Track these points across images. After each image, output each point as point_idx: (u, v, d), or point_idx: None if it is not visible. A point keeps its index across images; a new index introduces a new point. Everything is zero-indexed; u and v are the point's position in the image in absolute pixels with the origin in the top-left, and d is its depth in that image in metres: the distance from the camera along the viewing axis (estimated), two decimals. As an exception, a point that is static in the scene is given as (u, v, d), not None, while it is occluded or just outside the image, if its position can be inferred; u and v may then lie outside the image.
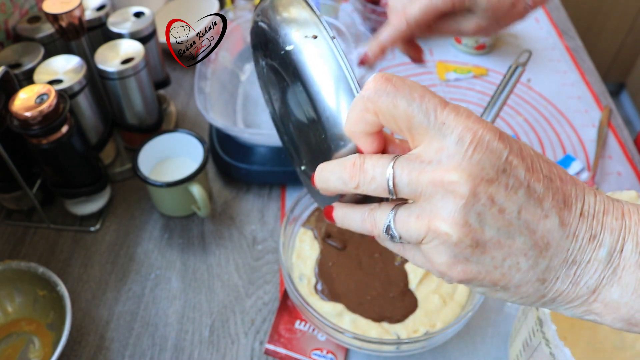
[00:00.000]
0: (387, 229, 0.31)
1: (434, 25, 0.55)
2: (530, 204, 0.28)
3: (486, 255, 0.29)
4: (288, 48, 0.34)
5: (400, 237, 0.30)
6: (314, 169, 0.34)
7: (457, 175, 0.27)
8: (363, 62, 0.56)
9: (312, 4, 0.35)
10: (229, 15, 0.85)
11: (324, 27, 0.34)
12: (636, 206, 0.30)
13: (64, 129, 0.61)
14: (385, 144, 0.32)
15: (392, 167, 0.29)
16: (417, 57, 0.59)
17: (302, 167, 0.42)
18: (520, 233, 0.28)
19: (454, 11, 0.54)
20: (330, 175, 0.32)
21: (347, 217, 0.34)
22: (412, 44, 0.58)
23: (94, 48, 0.70)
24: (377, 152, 0.31)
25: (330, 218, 0.35)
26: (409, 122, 0.29)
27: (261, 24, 0.37)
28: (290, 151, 0.45)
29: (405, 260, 0.61)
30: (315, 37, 0.33)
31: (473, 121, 0.28)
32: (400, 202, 0.31)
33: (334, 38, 0.33)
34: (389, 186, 0.29)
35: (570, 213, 0.29)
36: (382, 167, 0.30)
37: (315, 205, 0.68)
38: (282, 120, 0.44)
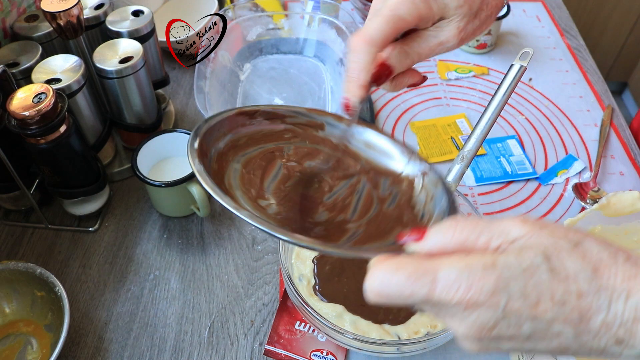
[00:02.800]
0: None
1: (408, 50, 0.47)
2: (539, 330, 0.30)
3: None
4: None
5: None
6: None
7: (461, 332, 0.31)
8: (347, 108, 0.47)
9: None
10: (229, 14, 0.85)
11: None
12: None
13: (62, 128, 0.61)
14: None
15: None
16: (415, 80, 0.51)
17: None
18: (535, 345, 0.31)
19: (420, 23, 0.46)
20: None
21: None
22: (397, 76, 0.49)
23: (92, 47, 0.70)
24: None
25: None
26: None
27: None
28: None
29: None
30: None
31: (463, 292, 0.30)
32: None
33: None
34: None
35: (588, 325, 0.29)
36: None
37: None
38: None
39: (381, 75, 0.46)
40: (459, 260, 0.31)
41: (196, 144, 0.43)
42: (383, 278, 0.32)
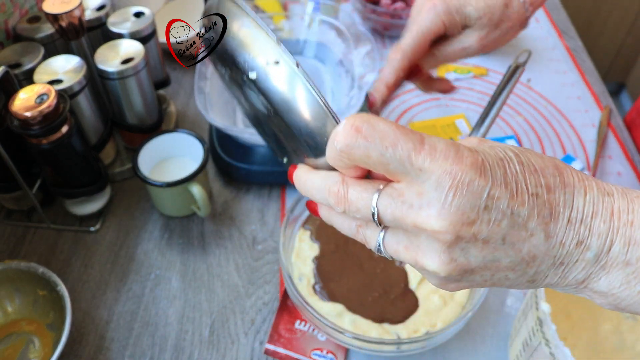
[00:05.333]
0: (379, 250, 0.32)
1: (436, 52, 0.55)
2: (514, 229, 0.28)
3: (475, 275, 0.30)
4: (251, 76, 0.33)
5: (392, 258, 0.32)
6: (293, 163, 0.34)
7: (438, 225, 0.28)
8: (372, 104, 0.55)
9: (262, 22, 0.34)
10: (229, 15, 0.85)
11: (283, 51, 0.33)
12: (626, 201, 0.30)
13: (64, 129, 0.61)
14: None
15: (376, 205, 0.29)
16: (445, 88, 0.60)
17: (284, 160, 0.42)
18: (506, 255, 0.29)
19: (448, 31, 0.54)
20: (315, 193, 0.33)
21: (333, 222, 0.34)
22: (431, 80, 0.59)
23: (94, 48, 0.70)
24: (359, 177, 0.31)
25: (315, 212, 0.36)
26: (385, 168, 0.29)
27: (213, 37, 0.36)
28: (269, 144, 0.45)
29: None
30: (277, 62, 0.32)
31: (451, 162, 0.27)
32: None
33: (298, 65, 0.32)
34: (374, 219, 0.30)
35: (557, 224, 0.29)
36: (365, 201, 0.30)
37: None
38: (255, 119, 0.43)
39: (412, 71, 0.55)
40: (442, 138, 0.29)
41: None
42: (369, 117, 0.28)
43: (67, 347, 0.56)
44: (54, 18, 0.65)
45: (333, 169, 0.32)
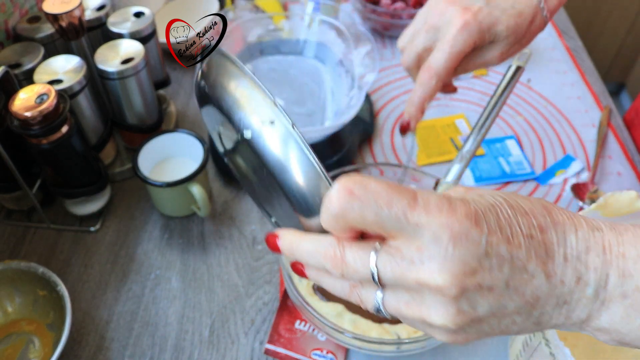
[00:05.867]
0: (378, 311, 0.31)
1: (458, 65, 0.54)
2: (516, 273, 0.29)
3: (483, 325, 0.30)
4: (246, 135, 0.33)
5: (393, 317, 0.31)
6: (281, 223, 0.34)
7: (441, 279, 0.28)
8: (405, 129, 0.55)
9: (259, 83, 0.33)
10: (229, 15, 0.85)
11: (280, 111, 0.32)
12: (615, 234, 0.30)
13: (64, 129, 0.61)
14: None
15: (376, 265, 0.29)
16: (449, 89, 0.61)
17: (272, 219, 0.41)
18: (511, 299, 0.29)
19: (476, 48, 0.53)
20: (308, 258, 0.32)
21: (324, 283, 0.33)
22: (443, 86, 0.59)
23: (94, 48, 0.70)
24: (353, 238, 0.31)
25: (302, 274, 0.34)
26: (381, 227, 0.29)
27: (209, 92, 0.35)
28: (258, 203, 0.43)
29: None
30: (272, 122, 0.32)
31: (446, 215, 0.28)
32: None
33: (294, 126, 0.32)
34: (374, 279, 0.29)
35: (554, 262, 0.29)
36: (364, 261, 0.29)
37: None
38: (246, 178, 0.42)
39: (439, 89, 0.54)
40: (432, 192, 0.29)
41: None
42: (360, 179, 0.28)
43: (67, 347, 0.56)
44: (54, 18, 0.65)
45: (324, 230, 0.31)
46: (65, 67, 0.66)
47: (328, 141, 0.73)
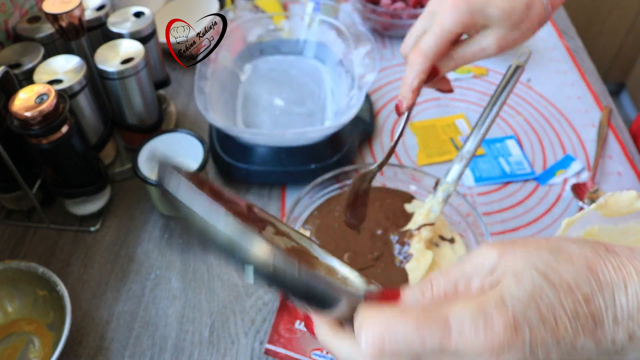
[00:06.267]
0: None
1: (454, 54, 0.54)
2: (564, 354, 0.28)
3: None
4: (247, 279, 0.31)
5: None
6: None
7: None
8: (399, 111, 0.55)
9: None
10: (229, 15, 0.85)
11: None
12: None
13: (64, 129, 0.61)
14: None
15: None
16: (445, 88, 0.60)
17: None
18: None
19: (467, 31, 0.53)
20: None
21: None
22: (440, 79, 0.58)
23: (94, 48, 0.70)
24: None
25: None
26: None
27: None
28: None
29: (406, 261, 0.61)
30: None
31: (483, 335, 0.27)
32: None
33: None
34: None
35: (604, 328, 0.28)
36: None
37: (315, 205, 0.68)
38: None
39: (430, 75, 0.54)
40: (466, 302, 0.28)
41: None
42: (385, 326, 0.28)
43: (67, 347, 0.56)
44: (54, 18, 0.65)
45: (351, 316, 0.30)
46: (65, 67, 0.66)
47: (328, 141, 0.73)
